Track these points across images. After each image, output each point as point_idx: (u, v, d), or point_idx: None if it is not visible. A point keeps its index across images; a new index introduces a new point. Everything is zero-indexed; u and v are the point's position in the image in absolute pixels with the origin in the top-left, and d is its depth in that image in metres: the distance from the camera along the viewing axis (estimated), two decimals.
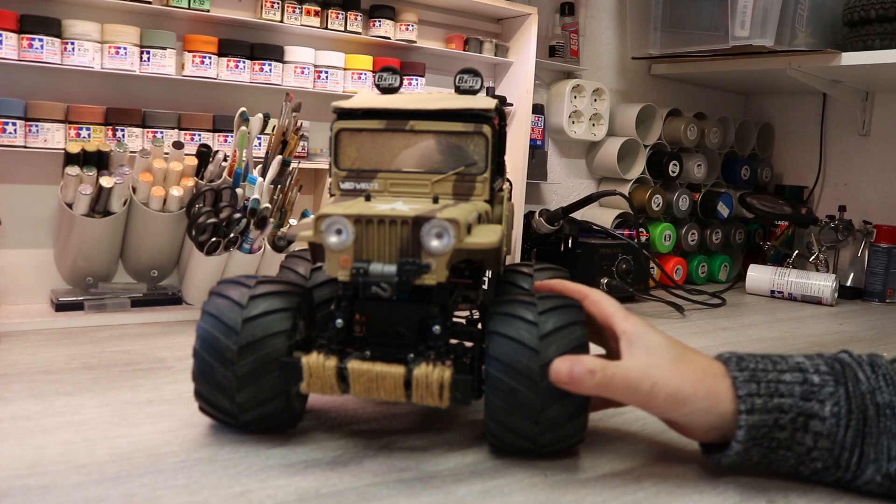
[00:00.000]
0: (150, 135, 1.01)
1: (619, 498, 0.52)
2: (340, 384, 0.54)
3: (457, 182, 0.60)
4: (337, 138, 0.61)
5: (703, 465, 0.59)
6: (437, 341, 0.56)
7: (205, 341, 0.56)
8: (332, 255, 0.54)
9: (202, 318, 0.57)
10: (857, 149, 1.75)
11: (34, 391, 0.68)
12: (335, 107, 0.61)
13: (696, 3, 1.49)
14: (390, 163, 0.60)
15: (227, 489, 0.50)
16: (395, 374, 0.53)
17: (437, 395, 0.53)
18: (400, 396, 0.54)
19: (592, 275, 1.30)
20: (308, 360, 0.54)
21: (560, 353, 0.53)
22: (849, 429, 0.51)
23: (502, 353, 0.54)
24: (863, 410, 0.52)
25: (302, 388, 0.55)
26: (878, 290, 1.52)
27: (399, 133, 0.60)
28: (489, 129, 0.60)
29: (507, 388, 0.53)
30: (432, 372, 0.53)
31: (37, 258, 1.00)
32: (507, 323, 0.55)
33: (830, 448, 0.52)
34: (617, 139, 1.54)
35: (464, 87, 0.62)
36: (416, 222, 0.53)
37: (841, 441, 0.52)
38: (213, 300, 0.57)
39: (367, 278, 0.53)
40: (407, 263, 0.53)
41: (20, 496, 0.47)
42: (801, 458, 0.53)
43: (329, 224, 0.53)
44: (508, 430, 0.55)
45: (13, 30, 0.91)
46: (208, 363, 0.56)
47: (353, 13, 1.16)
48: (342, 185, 0.61)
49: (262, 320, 0.55)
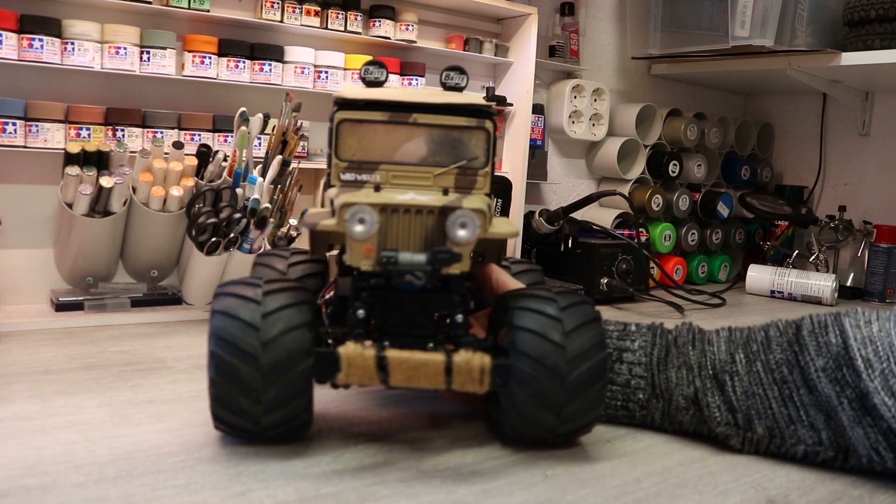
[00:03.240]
0: (150, 135, 1.01)
1: (619, 498, 0.52)
2: (379, 374, 0.54)
3: (459, 175, 0.60)
4: (338, 129, 0.60)
5: (703, 465, 0.59)
6: (458, 330, 0.56)
7: (223, 340, 0.53)
8: (354, 245, 0.54)
9: (215, 318, 0.54)
10: (857, 149, 1.75)
11: (34, 391, 0.68)
12: (337, 97, 0.61)
13: (696, 3, 1.49)
14: (392, 155, 0.60)
15: (227, 489, 0.50)
16: (437, 361, 0.54)
17: (478, 380, 0.54)
18: (440, 384, 0.54)
19: (592, 275, 1.30)
20: (346, 349, 0.54)
21: (583, 348, 0.55)
22: (653, 356, 0.64)
23: (530, 348, 0.55)
24: (666, 345, 0.65)
25: (339, 379, 0.54)
26: (878, 290, 1.52)
27: (402, 125, 0.60)
28: (491, 125, 0.60)
29: (535, 382, 0.55)
30: (473, 358, 0.54)
31: (37, 258, 1.00)
32: (532, 318, 0.56)
33: (644, 375, 0.64)
34: (617, 139, 1.54)
35: (450, 84, 0.62)
36: (443, 211, 0.54)
37: (648, 365, 0.64)
38: (224, 300, 0.55)
39: (398, 267, 0.53)
40: (441, 252, 0.53)
41: (20, 496, 0.47)
42: (626, 393, 0.64)
43: (354, 213, 0.53)
44: (529, 421, 0.57)
45: (13, 30, 0.91)
46: (229, 363, 0.53)
47: (353, 13, 1.16)
48: (342, 176, 0.60)
49: (282, 314, 0.54)
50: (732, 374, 0.61)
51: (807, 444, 0.59)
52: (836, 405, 0.56)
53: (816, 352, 0.58)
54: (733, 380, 0.61)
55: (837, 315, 0.59)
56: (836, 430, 0.57)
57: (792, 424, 0.59)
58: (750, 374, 0.60)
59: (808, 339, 0.59)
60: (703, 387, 0.61)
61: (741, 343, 0.63)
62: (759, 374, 0.60)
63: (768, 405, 0.59)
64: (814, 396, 0.58)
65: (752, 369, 0.61)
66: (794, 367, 0.59)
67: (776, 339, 0.61)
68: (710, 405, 0.61)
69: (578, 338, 0.56)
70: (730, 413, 0.61)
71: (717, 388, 0.61)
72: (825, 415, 0.57)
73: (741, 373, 0.61)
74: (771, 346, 0.61)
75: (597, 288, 1.30)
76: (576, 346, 0.55)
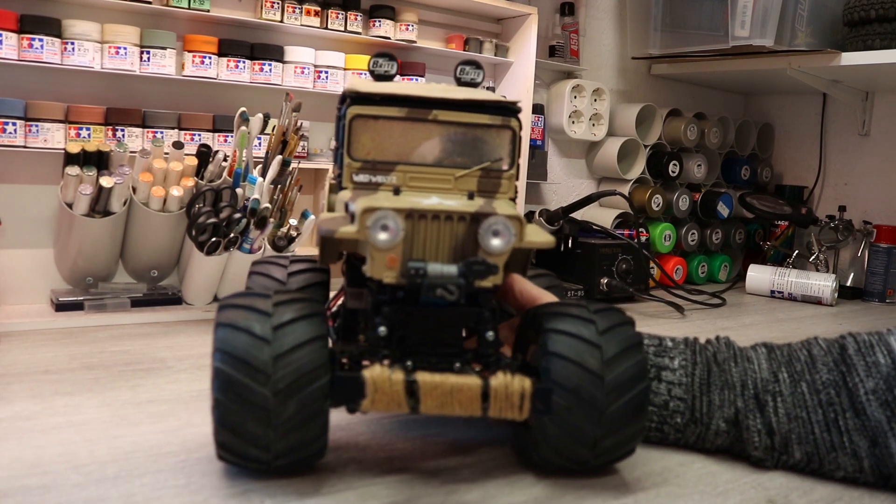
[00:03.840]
0: (150, 135, 1.01)
1: (619, 498, 0.52)
2: (409, 400, 0.49)
3: (482, 178, 0.56)
4: (351, 125, 0.55)
5: (703, 465, 0.59)
6: (488, 349, 0.52)
7: (230, 356, 0.47)
8: (377, 255, 0.48)
9: (220, 331, 0.48)
10: (857, 149, 1.75)
11: (34, 391, 0.68)
12: (350, 90, 0.55)
13: (696, 3, 1.49)
14: (409, 154, 0.55)
15: (227, 489, 0.50)
16: (472, 386, 0.49)
17: (518, 406, 0.49)
18: (476, 410, 0.49)
19: (592, 275, 1.30)
20: (371, 373, 0.48)
21: (624, 379, 0.51)
22: (695, 376, 0.59)
23: (565, 378, 0.50)
24: (706, 363, 0.60)
25: (364, 406, 0.49)
26: (878, 290, 1.52)
27: (420, 122, 0.55)
28: (517, 123, 0.56)
29: (569, 415, 0.50)
30: (512, 382, 0.49)
31: (37, 258, 1.00)
32: (567, 343, 0.51)
33: (684, 397, 0.59)
34: (617, 139, 1.53)
35: (465, 79, 0.58)
36: (475, 218, 0.49)
37: (690, 386, 0.59)
38: (229, 312, 0.49)
39: (428, 280, 0.48)
40: (475, 263, 0.48)
41: (20, 496, 0.47)
42: (662, 415, 0.60)
43: (377, 219, 0.47)
44: (562, 455, 0.53)
45: (13, 30, 0.91)
46: (237, 381, 0.47)
47: (353, 13, 1.16)
48: (356, 177, 0.55)
49: (295, 326, 0.48)
50: (775, 395, 0.57)
51: (846, 471, 0.56)
52: (886, 430, 0.53)
53: (866, 372, 0.55)
54: (776, 401, 0.57)
55: (881, 334, 0.56)
56: (880, 458, 0.54)
57: (833, 451, 0.55)
58: (794, 395, 0.57)
59: (855, 359, 0.56)
60: (746, 408, 0.58)
61: (784, 361, 0.59)
62: (803, 396, 0.57)
63: (810, 430, 0.56)
64: (860, 421, 0.54)
65: (796, 390, 0.57)
66: (842, 388, 0.55)
67: (821, 359, 0.58)
68: (749, 428, 0.58)
69: (618, 367, 0.50)
70: (768, 437, 0.57)
71: (758, 408, 0.58)
72: (870, 441, 0.54)
73: (785, 393, 0.57)
74: (816, 366, 0.57)
75: (597, 288, 1.30)
76: (615, 375, 0.50)
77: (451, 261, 0.49)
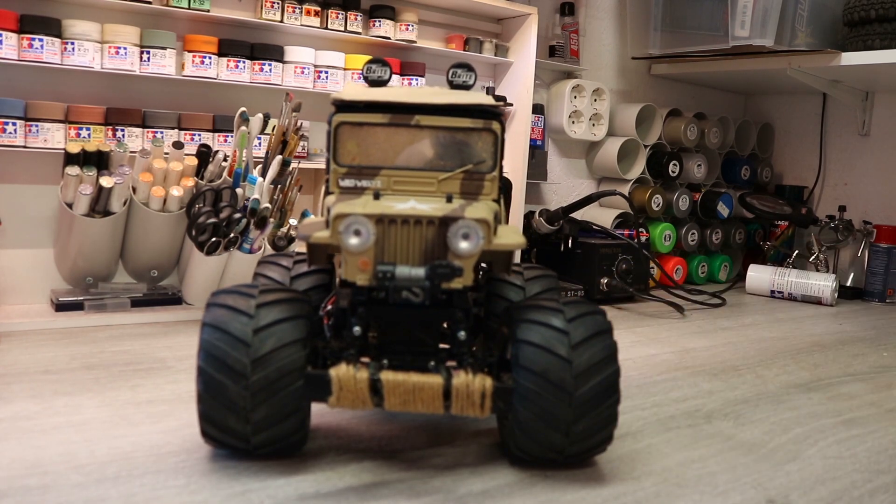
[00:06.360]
0: (150, 135, 1.01)
1: (619, 498, 0.52)
2: (373, 397, 0.51)
3: (464, 181, 0.57)
4: (336, 132, 0.57)
5: (703, 465, 0.59)
6: (461, 348, 0.53)
7: (211, 356, 0.50)
8: (350, 258, 0.51)
9: (204, 332, 0.51)
10: (857, 149, 1.75)
11: (34, 391, 0.68)
12: (335, 98, 0.57)
13: (696, 3, 1.49)
14: (394, 159, 0.57)
15: (227, 489, 0.50)
16: (434, 385, 0.50)
17: (479, 404, 0.50)
18: (438, 408, 0.51)
19: (592, 275, 1.30)
20: (337, 372, 0.50)
21: (592, 362, 0.52)
22: None
23: (533, 362, 0.51)
24: None
25: (330, 403, 0.51)
26: (877, 290, 1.52)
27: (403, 128, 0.57)
28: (499, 126, 0.57)
29: (539, 399, 0.51)
30: (473, 381, 0.50)
31: (37, 258, 1.00)
32: (536, 331, 0.52)
33: None
34: (617, 139, 1.53)
35: (457, 82, 0.59)
36: (444, 222, 0.50)
37: None
38: (214, 311, 0.52)
39: (395, 282, 0.50)
40: (440, 266, 0.50)
41: (20, 496, 0.47)
42: None
43: (349, 224, 0.50)
44: (536, 441, 0.53)
45: (13, 30, 0.91)
46: (216, 380, 0.50)
47: (353, 13, 1.16)
48: (342, 182, 0.57)
49: (273, 329, 0.50)
50: None
51: None
52: None
53: None
54: None
55: None
56: None
57: None
58: None
59: None
60: None
61: None
62: None
63: None
64: None
65: None
66: None
67: None
68: None
69: (587, 351, 0.52)
70: None
71: None
72: None
73: None
74: None
75: (597, 288, 1.30)
76: (584, 359, 0.51)
77: (422, 263, 0.51)
